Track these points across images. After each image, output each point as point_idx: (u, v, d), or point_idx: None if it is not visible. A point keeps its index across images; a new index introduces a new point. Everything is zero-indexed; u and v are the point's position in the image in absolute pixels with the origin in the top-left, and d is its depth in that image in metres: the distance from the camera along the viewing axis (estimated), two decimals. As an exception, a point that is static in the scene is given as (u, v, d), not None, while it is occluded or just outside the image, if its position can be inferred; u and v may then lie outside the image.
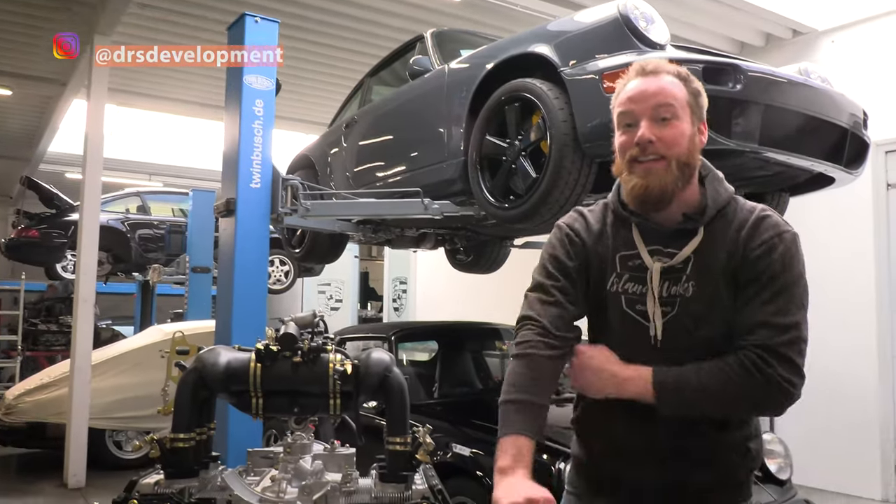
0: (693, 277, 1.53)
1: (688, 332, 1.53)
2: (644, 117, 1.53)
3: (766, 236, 1.51)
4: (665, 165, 1.52)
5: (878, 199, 6.02)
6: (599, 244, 1.64)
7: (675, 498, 1.56)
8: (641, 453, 1.57)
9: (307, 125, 10.06)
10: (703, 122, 1.61)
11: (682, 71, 1.60)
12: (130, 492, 1.84)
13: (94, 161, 6.29)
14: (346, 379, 1.91)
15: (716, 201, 1.58)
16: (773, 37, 6.86)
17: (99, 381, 6.31)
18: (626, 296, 1.59)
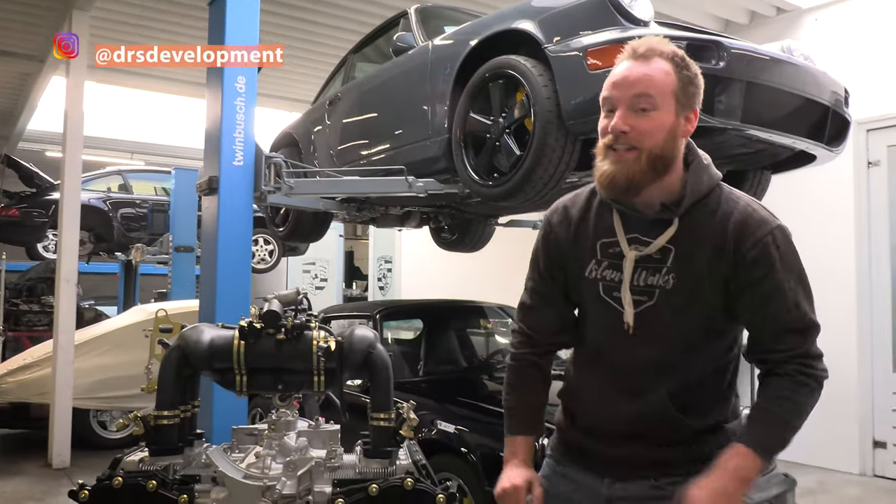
0: (674, 269, 1.53)
1: (666, 324, 1.54)
2: (622, 105, 1.52)
3: (760, 234, 1.51)
4: (635, 156, 1.51)
5: (859, 177, 6.07)
6: (580, 232, 1.66)
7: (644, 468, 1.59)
8: (618, 434, 1.61)
9: (289, 102, 9.96)
10: (694, 109, 1.57)
11: (679, 54, 1.55)
12: (115, 469, 1.85)
13: (75, 139, 6.21)
14: (329, 356, 1.92)
15: (695, 191, 1.55)
16: (757, 14, 6.86)
17: (82, 361, 6.28)
18: (604, 283, 1.60)
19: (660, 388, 1.56)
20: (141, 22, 7.25)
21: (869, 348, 5.97)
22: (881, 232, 5.98)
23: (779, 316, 1.50)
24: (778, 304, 1.50)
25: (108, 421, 6.62)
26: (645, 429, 1.58)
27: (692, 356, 1.57)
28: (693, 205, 1.54)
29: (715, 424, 1.60)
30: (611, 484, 1.62)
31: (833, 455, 6.01)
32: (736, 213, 1.53)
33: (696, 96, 1.56)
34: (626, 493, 1.61)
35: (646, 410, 1.57)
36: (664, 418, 1.56)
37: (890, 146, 5.95)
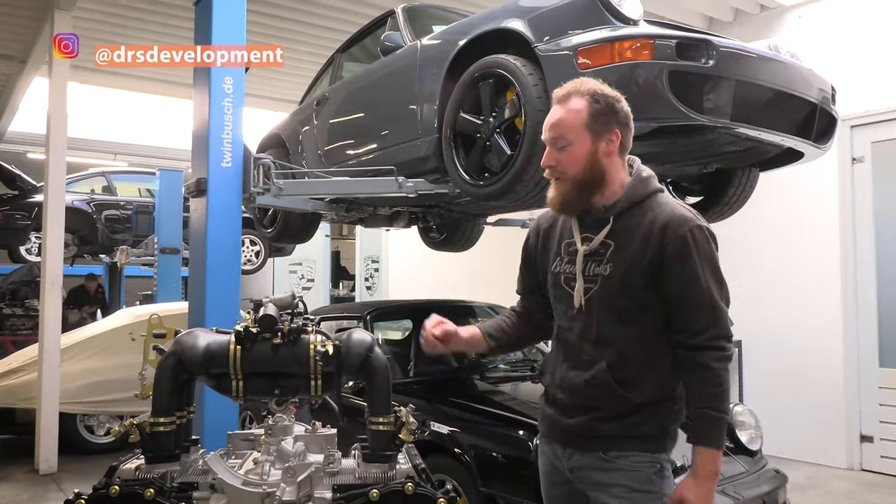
0: (611, 260, 1.88)
1: (607, 304, 1.88)
2: (549, 144, 1.93)
3: (681, 231, 1.83)
4: (562, 184, 1.91)
5: (844, 173, 6.12)
6: (548, 238, 2.07)
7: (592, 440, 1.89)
8: (573, 405, 1.92)
9: (275, 102, 9.90)
10: (612, 131, 1.89)
11: (595, 90, 1.88)
12: (111, 477, 1.82)
13: (58, 141, 6.14)
14: (327, 360, 1.90)
15: (630, 197, 1.91)
16: (741, 11, 6.91)
17: (68, 365, 6.22)
18: (564, 275, 1.97)
19: (601, 359, 1.86)
20: (124, 22, 7.18)
21: (855, 343, 6.03)
22: (865, 227, 6.03)
23: (695, 298, 1.82)
24: (694, 289, 1.82)
25: (96, 425, 6.57)
26: (593, 401, 1.88)
27: (628, 329, 1.87)
28: (629, 208, 1.90)
29: (653, 403, 1.86)
30: (571, 455, 1.94)
31: (821, 450, 6.07)
32: (663, 213, 1.87)
33: (610, 122, 1.88)
34: (581, 463, 1.91)
35: (591, 381, 1.87)
36: (607, 388, 1.85)
37: (874, 142, 6.01)
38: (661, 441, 1.89)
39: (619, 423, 1.85)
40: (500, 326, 2.20)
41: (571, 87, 1.91)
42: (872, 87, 5.88)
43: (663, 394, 1.88)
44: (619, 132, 1.90)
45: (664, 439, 1.90)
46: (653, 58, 2.96)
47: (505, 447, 3.52)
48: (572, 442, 1.94)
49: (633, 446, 1.85)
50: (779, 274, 6.30)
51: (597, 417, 1.87)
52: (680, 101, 2.96)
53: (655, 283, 1.84)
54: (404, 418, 1.91)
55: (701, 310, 1.82)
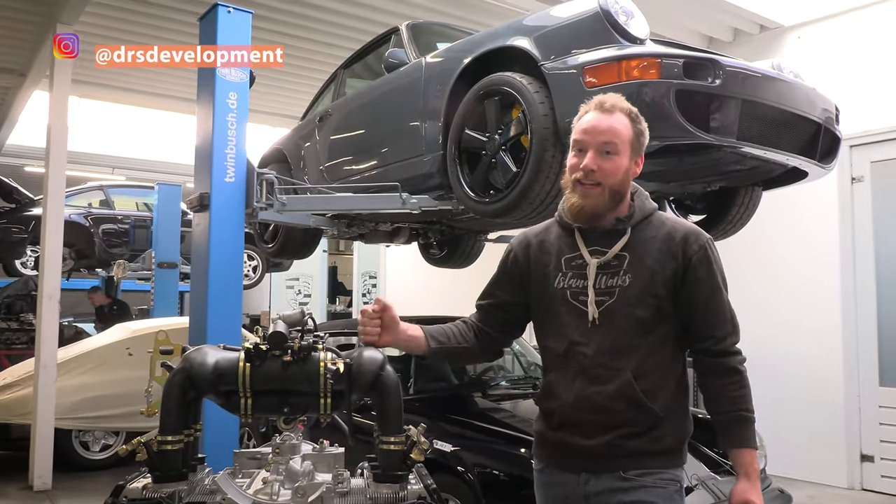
0: (629, 271, 1.88)
1: (626, 316, 1.86)
2: (592, 148, 1.87)
3: (701, 242, 1.89)
4: (600, 191, 1.88)
5: (843, 192, 6.15)
6: (542, 255, 2.02)
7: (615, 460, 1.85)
8: (593, 424, 1.86)
9: (275, 118, 9.92)
10: (641, 156, 1.95)
11: (633, 111, 1.93)
12: (118, 497, 1.79)
13: (58, 154, 6.13)
14: (338, 378, 1.88)
15: (642, 210, 1.95)
16: (740, 31, 6.96)
17: (64, 380, 6.16)
18: (571, 290, 1.93)
19: (624, 371, 1.84)
20: (126, 37, 7.18)
21: (855, 362, 6.02)
22: (865, 246, 6.05)
23: (718, 307, 1.89)
24: (716, 298, 1.89)
25: (91, 441, 6.50)
26: (618, 416, 1.84)
27: (648, 339, 1.86)
28: (640, 221, 1.93)
29: (672, 415, 1.87)
30: (586, 480, 1.87)
31: (822, 470, 6.04)
32: (679, 226, 1.94)
33: (643, 146, 1.95)
34: (599, 488, 1.86)
35: (615, 395, 1.84)
36: (633, 401, 1.83)
37: (873, 162, 6.04)
38: (680, 455, 1.90)
39: (644, 440, 1.84)
40: (445, 332, 2.11)
41: (615, 99, 1.92)
42: (872, 108, 5.92)
43: (679, 406, 1.91)
44: (643, 158, 1.96)
45: (682, 453, 1.91)
46: (660, 77, 2.97)
47: (508, 465, 3.50)
48: (589, 466, 1.87)
49: (655, 463, 1.85)
50: (779, 293, 6.30)
51: (622, 435, 1.84)
52: (687, 120, 2.97)
53: (676, 292, 1.87)
54: (415, 437, 1.88)
55: (723, 318, 1.89)
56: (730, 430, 1.87)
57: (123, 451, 1.83)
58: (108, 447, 6.56)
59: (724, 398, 1.87)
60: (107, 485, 5.93)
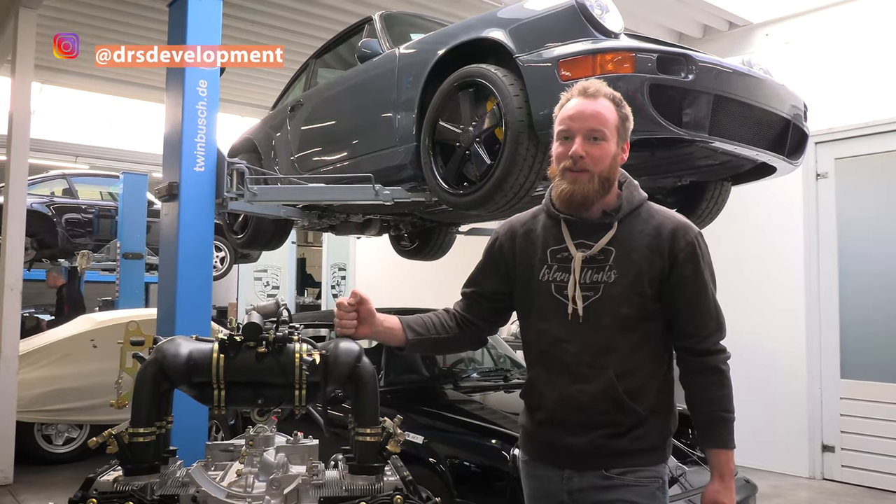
0: (615, 266, 1.84)
1: (609, 312, 1.83)
2: (579, 135, 1.83)
3: (689, 237, 1.85)
4: (589, 177, 1.83)
5: (808, 188, 6.26)
6: (528, 245, 1.98)
7: (597, 458, 1.83)
8: (576, 423, 1.84)
9: (244, 107, 9.81)
10: (627, 142, 1.91)
11: (617, 96, 1.89)
12: (88, 490, 1.75)
13: (20, 142, 5.98)
14: (314, 369, 1.86)
15: (630, 202, 1.90)
16: (710, 28, 7.03)
17: (26, 372, 6.04)
18: (555, 283, 1.89)
19: (607, 370, 1.81)
20: (90, 21, 7.04)
21: (818, 355, 6.15)
22: (829, 242, 6.17)
23: (704, 305, 1.86)
24: (703, 295, 1.86)
25: (54, 435, 6.38)
26: (602, 416, 1.82)
27: (632, 337, 1.83)
28: (628, 214, 1.88)
29: (655, 414, 1.85)
30: (569, 477, 1.86)
31: (785, 460, 6.17)
32: (668, 220, 1.88)
33: (629, 131, 1.92)
34: (582, 485, 1.85)
35: (597, 393, 1.81)
36: (616, 401, 1.80)
37: (837, 159, 6.16)
38: (663, 452, 1.88)
39: (627, 439, 1.82)
40: (424, 323, 2.06)
41: (599, 84, 1.88)
42: (837, 105, 6.03)
43: (664, 404, 1.88)
44: (629, 143, 1.92)
45: (665, 450, 1.89)
46: (634, 71, 2.99)
47: (480, 457, 3.51)
48: (573, 463, 1.86)
49: (638, 461, 1.83)
50: (744, 287, 6.39)
51: (604, 434, 1.82)
52: (660, 114, 2.99)
53: (662, 289, 1.84)
54: (391, 429, 1.87)
55: (708, 316, 1.86)
56: (708, 429, 1.86)
57: (94, 443, 1.80)
58: (72, 440, 6.44)
59: (704, 397, 1.85)
60: (70, 478, 5.85)
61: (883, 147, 5.91)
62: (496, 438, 3.48)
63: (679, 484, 3.45)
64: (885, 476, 5.73)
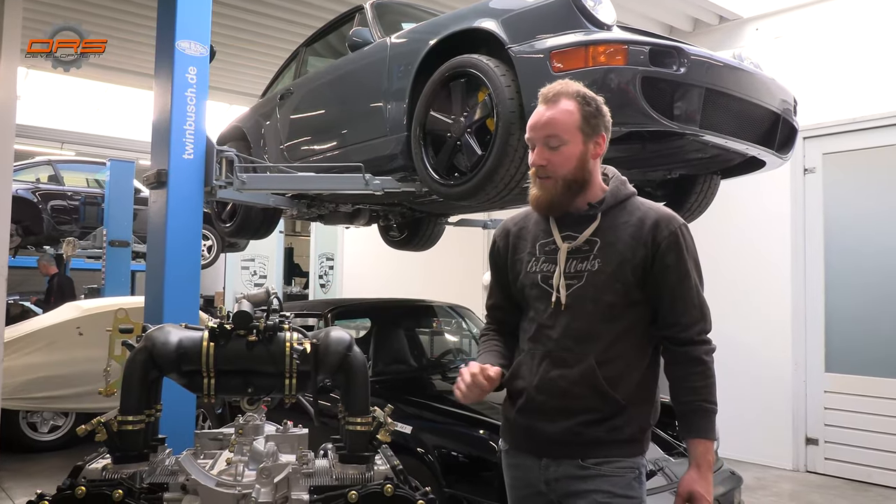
0: (599, 256, 1.89)
1: (594, 300, 1.87)
2: (538, 143, 1.92)
3: (672, 227, 1.89)
4: (553, 183, 1.91)
5: (796, 183, 6.29)
6: (519, 241, 2.05)
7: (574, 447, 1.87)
8: (554, 409, 1.88)
9: (232, 95, 9.74)
10: (601, 135, 1.93)
11: (582, 92, 1.91)
12: (76, 477, 1.74)
13: (6, 128, 5.89)
14: (304, 358, 1.86)
15: (615, 196, 1.95)
16: (700, 22, 7.05)
17: (11, 359, 5.99)
18: (542, 273, 1.95)
19: (589, 357, 1.85)
20: (78, 6, 6.96)
21: (803, 349, 6.20)
22: (815, 236, 6.21)
23: (686, 294, 1.88)
24: (685, 284, 1.88)
25: (39, 422, 6.35)
26: (579, 402, 1.85)
27: (615, 326, 1.87)
28: (613, 207, 1.93)
29: (635, 404, 1.87)
30: (547, 466, 1.90)
31: (769, 452, 6.23)
32: (651, 212, 1.92)
33: (599, 125, 1.93)
34: (558, 474, 1.88)
35: (577, 378, 1.84)
36: (595, 388, 1.83)
37: (825, 154, 6.19)
38: (640, 444, 1.90)
39: (604, 427, 1.84)
40: (500, 354, 2.07)
41: (559, 87, 1.92)
42: (825, 101, 6.06)
43: (644, 395, 1.90)
44: (605, 135, 1.94)
45: (643, 442, 1.91)
46: (626, 63, 2.99)
47: (468, 447, 3.51)
48: (550, 451, 1.90)
49: (614, 452, 1.85)
50: (730, 280, 6.43)
51: (582, 422, 1.85)
52: (651, 106, 2.99)
53: (645, 278, 1.87)
54: (382, 419, 1.87)
55: (690, 305, 1.88)
56: (689, 419, 1.87)
57: (82, 430, 1.79)
58: (57, 428, 6.43)
59: (686, 388, 1.87)
60: (56, 467, 5.81)
61: (870, 143, 5.95)
62: (484, 429, 3.49)
63: (663, 474, 3.48)
64: (867, 469, 5.79)
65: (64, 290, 9.90)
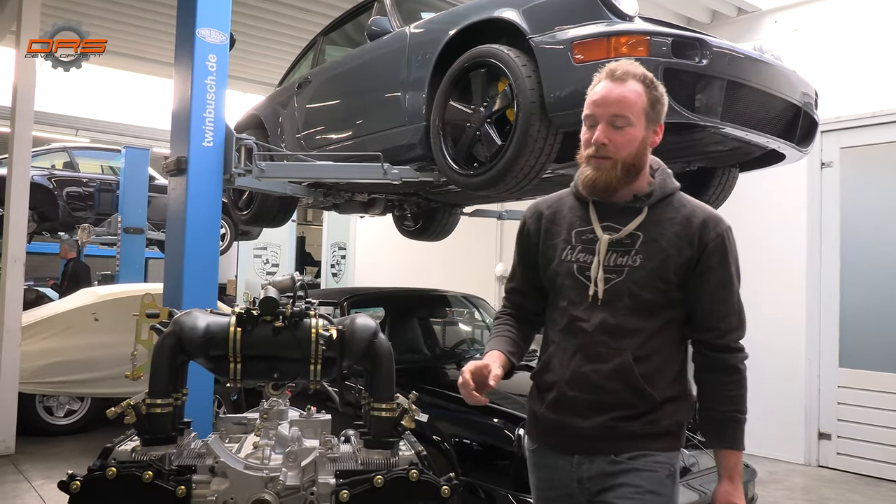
0: (641, 251, 1.80)
1: (632, 296, 1.79)
2: (602, 121, 1.80)
3: (719, 229, 1.82)
4: (611, 164, 1.80)
5: (812, 177, 6.26)
6: (554, 224, 1.95)
7: (608, 442, 1.79)
8: (586, 404, 1.80)
9: (246, 83, 9.76)
10: (660, 124, 1.86)
11: (649, 76, 1.83)
12: (106, 459, 1.77)
13: (25, 115, 5.96)
14: (331, 344, 1.88)
15: (662, 189, 1.86)
16: (718, 13, 7.00)
17: (28, 344, 6.05)
18: (578, 264, 1.86)
19: (625, 352, 1.77)
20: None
21: (817, 344, 6.18)
22: (832, 231, 6.18)
23: (727, 299, 1.83)
24: (727, 290, 1.83)
25: (55, 406, 6.42)
26: (613, 397, 1.78)
27: (651, 323, 1.80)
28: (659, 200, 1.84)
29: (670, 401, 1.81)
30: (579, 463, 1.82)
31: (781, 446, 6.23)
32: (699, 210, 1.85)
33: (661, 113, 1.86)
34: (592, 472, 1.80)
35: (611, 373, 1.77)
36: (630, 384, 1.76)
37: (843, 148, 6.15)
38: (676, 439, 1.83)
39: (639, 422, 1.77)
40: (511, 340, 1.99)
41: (626, 66, 1.82)
42: (844, 94, 6.02)
43: (678, 391, 1.83)
44: (662, 126, 1.87)
45: (679, 438, 1.84)
46: (648, 55, 2.97)
47: (483, 436, 3.53)
48: (583, 447, 1.81)
49: (648, 446, 1.78)
50: (745, 274, 6.31)
51: (617, 417, 1.77)
52: (673, 98, 2.97)
53: (687, 278, 1.80)
54: (407, 405, 1.89)
55: (730, 311, 1.83)
56: (720, 429, 1.82)
57: (112, 413, 1.82)
58: (73, 412, 6.49)
59: (719, 396, 1.82)
60: (71, 450, 5.87)
61: (889, 137, 5.91)
62: (500, 418, 3.51)
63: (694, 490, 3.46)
64: (879, 464, 5.78)
65: (79, 275, 9.97)
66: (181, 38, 4.07)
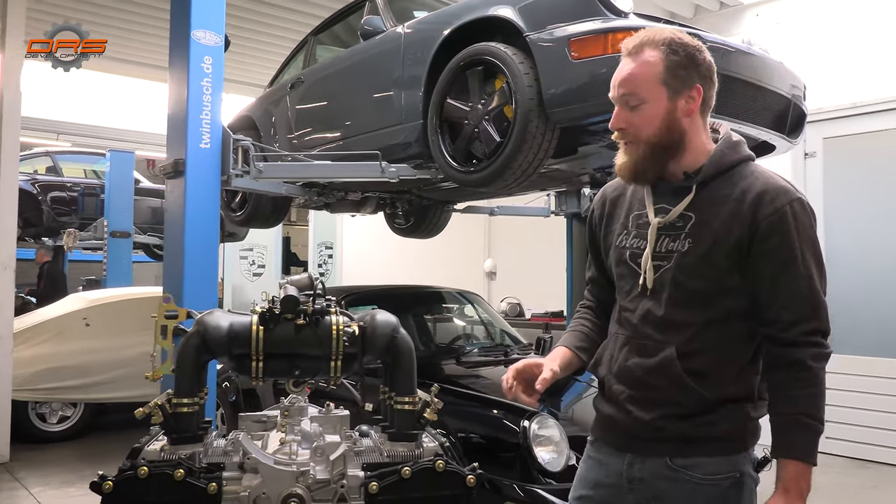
0: (691, 235, 1.61)
1: (679, 285, 1.61)
2: (617, 104, 1.67)
3: (778, 203, 1.57)
4: (636, 147, 1.66)
5: (797, 167, 6.36)
6: (617, 208, 1.81)
7: (660, 444, 1.63)
8: (633, 397, 1.66)
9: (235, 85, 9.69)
10: (693, 87, 1.62)
11: (669, 39, 1.62)
12: (136, 458, 1.79)
13: (12, 120, 5.89)
14: (352, 340, 1.91)
15: (717, 164, 1.63)
16: (701, 8, 7.08)
17: (19, 350, 6.02)
18: (631, 250, 1.71)
19: (670, 346, 1.60)
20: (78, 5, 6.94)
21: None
22: (816, 219, 6.27)
23: (791, 284, 1.56)
24: (790, 273, 1.56)
25: (48, 413, 6.37)
26: (658, 393, 1.61)
27: (703, 314, 1.60)
28: (715, 176, 1.63)
29: (732, 401, 1.59)
30: (631, 462, 1.66)
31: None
32: (758, 184, 1.60)
33: (691, 76, 1.62)
34: (644, 473, 1.64)
35: (654, 368, 1.61)
36: (675, 380, 1.58)
37: (826, 138, 6.26)
38: (741, 441, 1.62)
39: (690, 423, 1.59)
40: (583, 335, 1.86)
41: (645, 35, 1.64)
42: (826, 85, 6.11)
43: (743, 392, 1.62)
44: (701, 87, 1.63)
45: (745, 439, 1.63)
46: (645, 50, 3.02)
47: (489, 429, 3.59)
48: (634, 446, 1.67)
49: (706, 450, 1.59)
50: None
51: (664, 415, 1.61)
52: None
53: (743, 263, 1.59)
54: (428, 398, 1.93)
55: (796, 298, 1.56)
56: (784, 435, 1.55)
57: (140, 413, 1.84)
58: (66, 419, 6.44)
59: (784, 397, 1.56)
60: (67, 456, 5.84)
61: (870, 127, 6.03)
62: (505, 411, 3.55)
63: None
64: (869, 447, 5.90)
65: (55, 279, 9.92)
66: (175, 40, 4.08)
